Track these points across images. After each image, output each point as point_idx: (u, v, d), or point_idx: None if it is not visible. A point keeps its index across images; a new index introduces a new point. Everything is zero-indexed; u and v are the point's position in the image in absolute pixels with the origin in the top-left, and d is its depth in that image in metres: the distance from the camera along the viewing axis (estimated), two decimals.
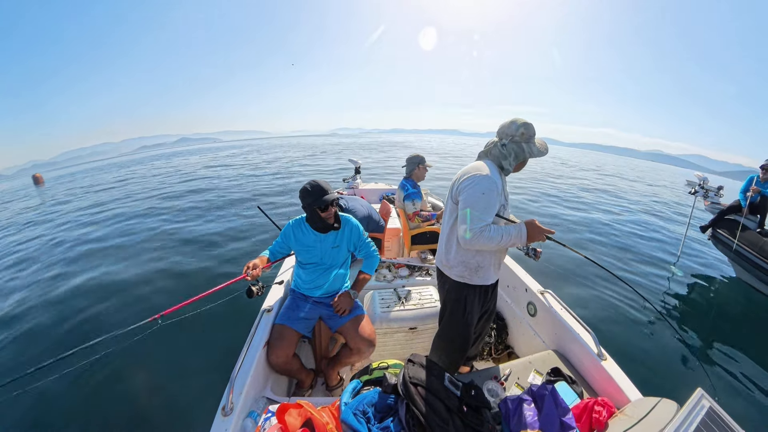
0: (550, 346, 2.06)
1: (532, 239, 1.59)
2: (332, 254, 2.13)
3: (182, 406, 2.56)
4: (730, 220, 5.33)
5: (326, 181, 2.05)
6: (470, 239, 1.55)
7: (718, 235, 5.43)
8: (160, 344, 2.87)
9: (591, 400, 1.42)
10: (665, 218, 10.16)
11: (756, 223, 5.16)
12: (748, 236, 4.96)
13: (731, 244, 5.07)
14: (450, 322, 1.87)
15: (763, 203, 5.07)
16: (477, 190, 1.56)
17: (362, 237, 2.22)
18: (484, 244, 1.55)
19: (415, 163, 3.29)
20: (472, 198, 1.56)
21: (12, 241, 7.62)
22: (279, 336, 1.91)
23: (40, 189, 21.50)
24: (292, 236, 2.12)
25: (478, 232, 1.52)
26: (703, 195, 5.61)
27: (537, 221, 1.60)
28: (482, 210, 1.55)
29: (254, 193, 10.66)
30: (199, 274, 4.86)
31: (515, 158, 1.65)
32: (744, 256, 4.92)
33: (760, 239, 4.81)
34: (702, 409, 1.05)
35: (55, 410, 2.58)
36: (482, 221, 1.54)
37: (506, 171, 1.68)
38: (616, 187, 16.06)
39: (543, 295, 2.22)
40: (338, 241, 2.14)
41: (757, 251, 4.73)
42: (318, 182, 2.02)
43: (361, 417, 1.32)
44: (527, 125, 1.62)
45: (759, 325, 4.27)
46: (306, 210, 2.05)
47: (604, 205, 10.91)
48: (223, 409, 1.41)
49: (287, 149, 34.64)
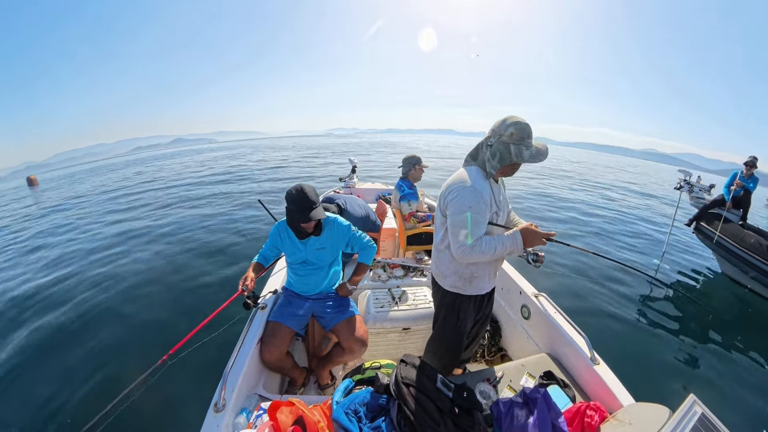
0: (543, 350, 2.06)
1: (530, 245, 1.52)
2: (318, 255, 2.08)
3: (174, 402, 2.53)
4: (713, 213, 5.52)
5: (314, 190, 1.91)
6: (462, 255, 1.50)
7: (701, 228, 5.62)
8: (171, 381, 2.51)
9: (583, 405, 1.42)
10: (654, 213, 10.54)
11: (738, 217, 5.39)
12: (730, 228, 5.16)
13: (713, 236, 5.29)
14: (443, 328, 1.84)
15: (745, 197, 5.33)
16: (462, 204, 1.48)
17: (351, 233, 2.14)
18: (478, 258, 1.50)
19: (411, 163, 3.29)
20: (458, 214, 1.49)
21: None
22: (272, 333, 1.90)
23: (35, 190, 21.24)
24: (278, 238, 2.10)
25: (469, 248, 1.47)
26: (688, 190, 5.82)
27: (534, 225, 1.54)
28: (472, 225, 1.47)
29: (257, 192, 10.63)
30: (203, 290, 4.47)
31: (499, 160, 1.49)
32: (726, 247, 5.11)
33: (742, 231, 5.04)
34: (694, 415, 1.05)
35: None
36: (473, 236, 1.47)
37: (489, 174, 1.54)
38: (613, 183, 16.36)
39: (537, 298, 2.21)
40: (322, 243, 2.07)
41: (738, 242, 4.93)
42: (305, 193, 1.86)
43: (352, 416, 1.31)
44: (520, 125, 1.45)
45: (745, 323, 4.36)
46: (287, 215, 1.97)
47: (601, 203, 11.18)
48: (216, 406, 1.41)
49: (280, 149, 34.31)
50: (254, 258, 2.19)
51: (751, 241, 4.83)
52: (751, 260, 4.74)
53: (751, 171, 5.24)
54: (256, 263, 2.15)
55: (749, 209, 5.41)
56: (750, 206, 5.41)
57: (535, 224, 1.55)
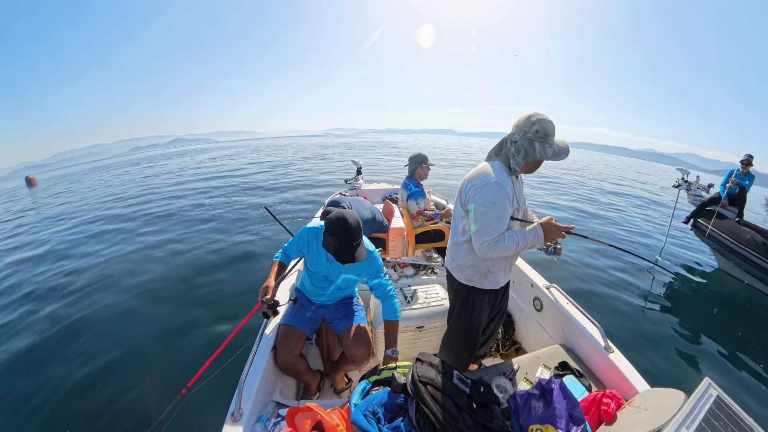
0: (557, 341, 2.07)
1: (551, 238, 1.54)
2: (343, 279, 2.00)
3: (191, 413, 2.55)
4: (710, 211, 5.65)
5: (358, 222, 1.72)
6: (485, 250, 1.51)
7: (699, 225, 5.78)
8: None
9: (599, 393, 1.43)
10: (652, 211, 10.56)
11: (735, 214, 5.52)
12: (726, 225, 5.32)
13: (708, 231, 5.45)
14: (458, 323, 1.85)
15: (741, 194, 5.47)
16: (486, 199, 1.49)
17: (380, 273, 1.96)
18: (501, 253, 1.52)
19: (417, 162, 3.30)
20: (481, 208, 1.50)
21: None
22: (285, 335, 1.90)
23: (33, 190, 21.29)
24: (306, 244, 1.97)
25: (492, 243, 1.49)
26: (686, 188, 5.92)
27: (554, 219, 1.55)
28: (494, 219, 1.49)
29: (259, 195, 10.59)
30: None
31: (524, 157, 1.50)
32: (722, 243, 5.27)
33: (737, 227, 5.18)
34: (710, 398, 1.05)
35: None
36: (496, 231, 1.49)
37: (513, 171, 1.55)
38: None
39: (549, 290, 2.22)
40: (351, 271, 1.96)
41: (734, 238, 5.08)
42: (349, 226, 1.66)
43: (371, 418, 1.32)
44: (544, 122, 1.45)
45: (745, 315, 4.43)
46: (324, 240, 1.79)
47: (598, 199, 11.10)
48: (233, 415, 1.40)
49: (280, 149, 34.19)
50: (276, 255, 2.05)
51: (747, 237, 4.97)
52: (746, 255, 4.89)
53: (747, 169, 5.39)
54: (279, 263, 2.02)
55: (745, 206, 5.54)
56: (746, 203, 5.54)
57: (555, 218, 1.57)
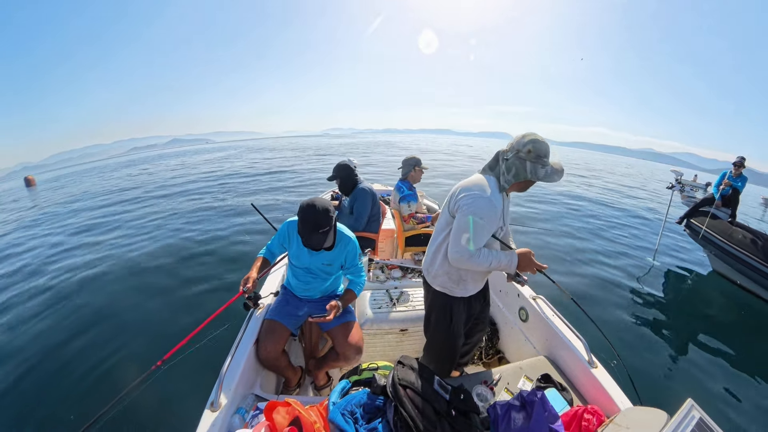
0: (541, 352, 2.05)
1: (523, 270, 1.57)
2: (324, 269, 2.01)
3: (170, 401, 2.52)
4: (703, 211, 5.77)
5: (327, 210, 1.73)
6: (458, 260, 1.52)
7: (692, 226, 5.87)
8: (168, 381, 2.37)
9: (581, 408, 1.42)
10: (647, 212, 10.85)
11: (727, 215, 5.65)
12: (719, 225, 5.40)
13: (701, 232, 5.54)
14: (436, 332, 1.85)
15: (734, 196, 5.59)
16: (475, 212, 1.48)
17: (356, 260, 2.05)
18: (471, 266, 1.53)
19: (410, 165, 3.29)
20: (468, 220, 1.48)
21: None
22: (269, 330, 1.88)
23: (32, 191, 21.09)
24: (287, 237, 2.00)
25: (468, 255, 1.49)
26: (680, 189, 6.09)
27: (532, 254, 1.56)
28: (477, 233, 1.48)
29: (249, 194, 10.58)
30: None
31: (514, 176, 1.51)
32: (714, 243, 5.35)
33: (730, 228, 5.28)
34: (692, 419, 1.04)
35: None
36: (475, 244, 1.48)
37: (502, 188, 1.56)
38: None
39: (535, 301, 2.21)
40: (331, 259, 1.98)
41: (726, 238, 5.17)
42: (317, 211, 1.69)
43: (348, 417, 1.30)
44: (537, 142, 1.47)
45: (738, 324, 4.44)
46: (297, 225, 1.80)
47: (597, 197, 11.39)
48: (212, 405, 1.40)
49: (278, 149, 34.14)
50: (260, 252, 2.07)
51: (739, 237, 5.07)
52: (738, 255, 4.97)
53: (740, 171, 5.50)
54: (263, 258, 2.04)
55: (737, 207, 5.67)
56: (738, 204, 5.67)
57: (532, 252, 1.58)
